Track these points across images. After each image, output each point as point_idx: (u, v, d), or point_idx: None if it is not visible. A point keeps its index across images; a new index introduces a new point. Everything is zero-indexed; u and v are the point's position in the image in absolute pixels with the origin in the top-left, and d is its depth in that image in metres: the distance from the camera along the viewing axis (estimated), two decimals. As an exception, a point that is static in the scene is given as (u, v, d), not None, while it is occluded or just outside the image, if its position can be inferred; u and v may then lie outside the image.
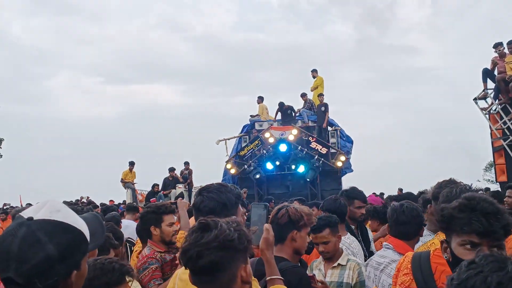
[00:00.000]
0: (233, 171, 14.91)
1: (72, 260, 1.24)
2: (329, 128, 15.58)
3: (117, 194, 18.96)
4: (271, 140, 14.55)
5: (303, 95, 16.69)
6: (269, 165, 14.72)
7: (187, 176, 16.45)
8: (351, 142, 16.09)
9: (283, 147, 14.50)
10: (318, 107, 15.34)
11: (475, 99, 12.25)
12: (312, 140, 14.53)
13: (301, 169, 14.25)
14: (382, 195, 14.60)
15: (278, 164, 14.77)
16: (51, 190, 35.66)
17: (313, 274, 2.66)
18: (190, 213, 4.08)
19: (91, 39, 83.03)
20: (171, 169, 16.11)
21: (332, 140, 15.35)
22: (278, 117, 15.99)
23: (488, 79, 11.79)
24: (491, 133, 11.99)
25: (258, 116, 16.57)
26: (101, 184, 35.01)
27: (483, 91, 11.97)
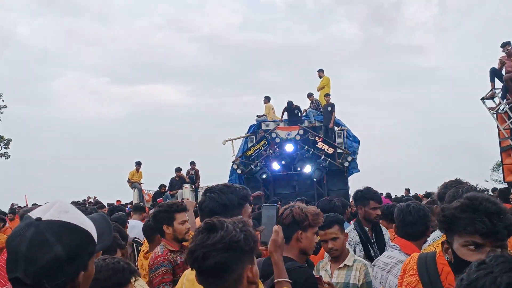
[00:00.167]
0: (240, 171, 14.91)
1: (80, 261, 1.24)
2: (336, 128, 15.52)
3: (125, 194, 18.98)
4: (278, 140, 14.55)
5: (310, 95, 16.64)
6: (276, 165, 14.70)
7: (194, 177, 16.46)
8: (358, 142, 16.00)
9: (290, 147, 14.49)
10: (325, 107, 15.30)
11: (483, 99, 12.17)
12: (319, 140, 14.51)
13: (308, 169, 14.22)
14: (390, 196, 14.56)
15: (285, 164, 14.75)
16: (59, 190, 35.81)
17: (320, 276, 2.66)
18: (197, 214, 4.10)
19: (97, 40, 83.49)
20: (178, 169, 16.11)
21: (339, 140, 15.31)
22: (285, 117, 15.94)
23: (496, 79, 11.73)
24: (499, 133, 11.91)
25: (265, 116, 16.53)
26: (108, 184, 35.05)
27: (491, 91, 11.89)
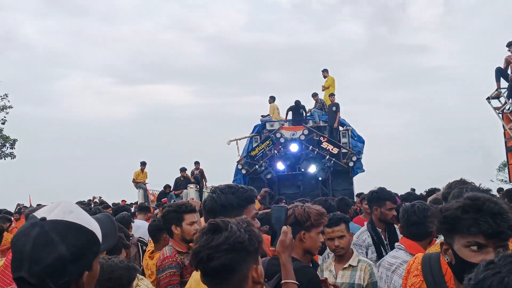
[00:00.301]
0: (244, 171, 14.90)
1: (84, 261, 1.25)
2: (341, 128, 15.52)
3: (130, 194, 19.08)
4: (282, 140, 14.54)
5: (314, 95, 16.64)
6: (280, 165, 14.68)
7: (199, 177, 16.48)
8: (363, 142, 15.98)
9: (294, 147, 14.48)
10: (329, 107, 15.29)
11: (488, 99, 12.12)
12: (323, 140, 14.49)
13: (312, 169, 14.20)
14: (396, 195, 14.49)
15: (289, 164, 14.74)
16: (64, 190, 35.97)
17: (325, 278, 2.66)
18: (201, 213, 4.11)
19: (103, 40, 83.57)
20: (183, 169, 16.17)
21: (344, 140, 15.31)
22: (289, 117, 15.94)
23: (502, 78, 11.67)
24: (505, 133, 11.86)
25: (269, 116, 16.53)
26: (114, 184, 35.15)
27: (496, 91, 11.84)
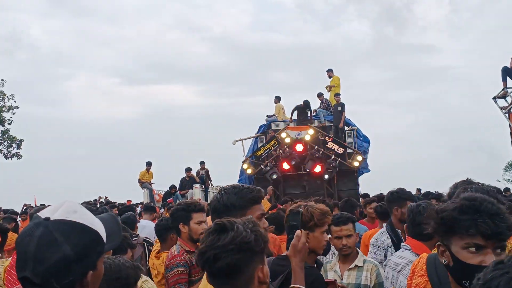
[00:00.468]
0: (250, 171, 14.87)
1: (88, 261, 1.25)
2: (346, 128, 15.50)
3: (135, 194, 19.12)
4: (288, 140, 14.52)
5: (320, 95, 16.60)
6: (286, 165, 14.66)
7: (204, 177, 16.50)
8: (368, 142, 15.95)
9: (300, 147, 14.46)
10: (335, 107, 15.27)
11: (495, 98, 12.07)
12: (329, 140, 14.45)
13: (318, 169, 14.15)
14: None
15: (294, 164, 14.70)
16: (70, 190, 36.28)
17: (334, 280, 2.64)
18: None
19: (109, 41, 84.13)
20: (188, 169, 16.18)
21: (349, 140, 15.28)
22: (294, 117, 15.91)
23: (508, 78, 11.62)
24: (511, 133, 11.81)
25: (275, 116, 16.52)
26: (119, 184, 35.38)
27: (503, 90, 11.80)
